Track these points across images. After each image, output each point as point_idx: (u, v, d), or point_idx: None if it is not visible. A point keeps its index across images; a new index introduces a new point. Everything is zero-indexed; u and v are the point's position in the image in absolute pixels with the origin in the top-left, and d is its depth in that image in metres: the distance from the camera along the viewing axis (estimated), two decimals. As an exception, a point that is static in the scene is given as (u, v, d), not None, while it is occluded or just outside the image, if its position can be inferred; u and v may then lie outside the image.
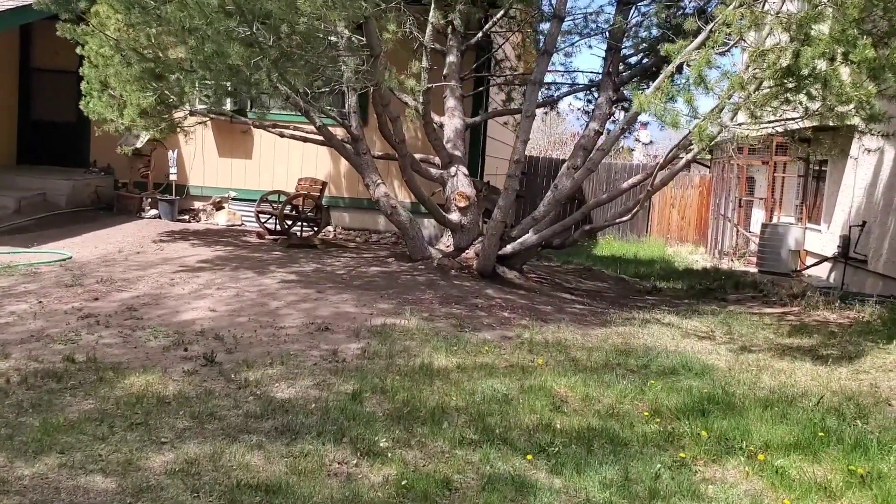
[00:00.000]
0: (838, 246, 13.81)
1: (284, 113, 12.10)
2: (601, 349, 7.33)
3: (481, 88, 12.27)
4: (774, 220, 17.57)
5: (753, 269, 16.11)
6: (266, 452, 4.46)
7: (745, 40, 6.76)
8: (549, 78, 14.43)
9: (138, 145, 13.08)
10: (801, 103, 7.55)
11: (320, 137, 9.87)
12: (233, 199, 13.91)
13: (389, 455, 4.55)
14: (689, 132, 7.43)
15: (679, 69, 7.77)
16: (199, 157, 14.19)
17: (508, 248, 10.15)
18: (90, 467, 4.15)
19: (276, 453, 4.46)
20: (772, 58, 6.46)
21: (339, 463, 4.41)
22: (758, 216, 18.81)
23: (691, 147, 8.25)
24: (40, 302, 7.46)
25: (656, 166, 9.43)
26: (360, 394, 5.37)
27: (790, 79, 6.48)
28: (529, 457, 4.70)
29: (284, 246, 11.02)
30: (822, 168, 15.60)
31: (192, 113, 10.53)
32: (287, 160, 13.80)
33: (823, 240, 14.99)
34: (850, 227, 13.53)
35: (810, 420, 5.69)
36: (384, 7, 8.01)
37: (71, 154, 14.54)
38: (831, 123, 7.79)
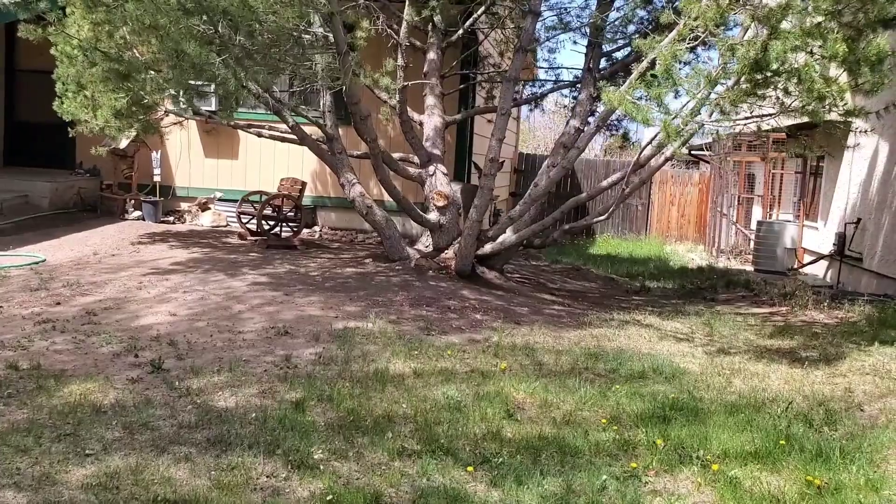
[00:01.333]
0: (834, 244, 13.55)
1: (261, 112, 11.95)
2: (571, 352, 7.14)
3: (463, 86, 12.06)
4: (773, 218, 17.30)
5: (750, 268, 15.85)
6: (192, 465, 4.30)
7: (712, 34, 6.54)
8: (540, 75, 14.26)
9: (121, 146, 12.97)
10: (778, 99, 7.33)
11: (295, 137, 9.70)
12: (219, 199, 13.77)
13: (322, 468, 4.37)
14: (662, 128, 7.21)
15: (653, 65, 7.55)
16: (185, 157, 14.07)
17: (488, 247, 9.96)
18: (3, 482, 4.00)
19: (203, 466, 4.29)
20: (741, 51, 6.24)
21: (266, 476, 4.24)
22: (758, 214, 18.53)
23: (667, 145, 8.04)
24: (0, 307, 7.33)
25: (637, 165, 9.22)
26: (303, 402, 5.20)
27: (759, 73, 6.27)
28: (470, 468, 4.51)
29: (262, 247, 10.87)
30: (820, 164, 15.32)
31: (167, 113, 10.38)
32: (273, 160, 13.66)
33: (820, 237, 14.72)
34: (845, 224, 13.26)
35: (775, 427, 5.48)
36: (352, 4, 7.80)
37: (57, 156, 14.42)
38: (806, 120, 7.55)
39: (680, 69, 6.94)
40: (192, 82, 8.41)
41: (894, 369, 6.95)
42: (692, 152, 24.06)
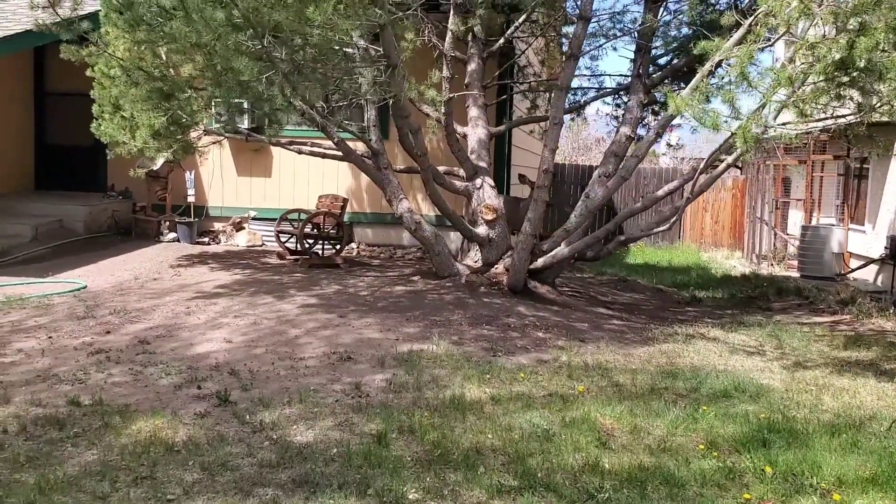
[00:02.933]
0: (885, 247, 13.13)
1: (301, 129, 11.71)
2: (645, 371, 6.81)
3: (504, 97, 11.78)
4: (814, 222, 16.89)
5: (795, 274, 15.44)
6: (282, 510, 4.00)
7: (791, 33, 6.23)
8: (575, 83, 13.98)
9: (154, 167, 12.76)
10: (852, 99, 7.00)
11: (339, 153, 9.44)
12: (253, 218, 13.54)
13: (420, 509, 4.07)
14: (732, 134, 6.88)
15: (717, 67, 7.25)
16: (217, 177, 13.85)
17: (539, 261, 9.64)
18: (86, 535, 3.72)
19: (293, 510, 3.99)
20: (822, 50, 5.92)
21: (364, 520, 3.94)
22: (795, 218, 18.11)
23: (733, 149, 7.71)
24: (50, 337, 7.08)
25: (695, 171, 8.89)
26: (385, 435, 4.90)
27: (842, 72, 5.95)
28: (577, 505, 4.20)
29: (305, 267, 10.60)
30: (864, 166, 14.92)
31: (206, 132, 10.15)
32: (307, 177, 13.42)
33: (868, 241, 14.29)
34: (897, 227, 12.86)
35: (885, 449, 5.13)
36: (401, 15, 7.54)
37: (88, 178, 14.26)
38: (885, 119, 7.21)
39: (748, 70, 6.60)
40: (237, 100, 8.15)
41: None
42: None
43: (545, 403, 5.74)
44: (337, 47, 8.07)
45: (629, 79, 10.06)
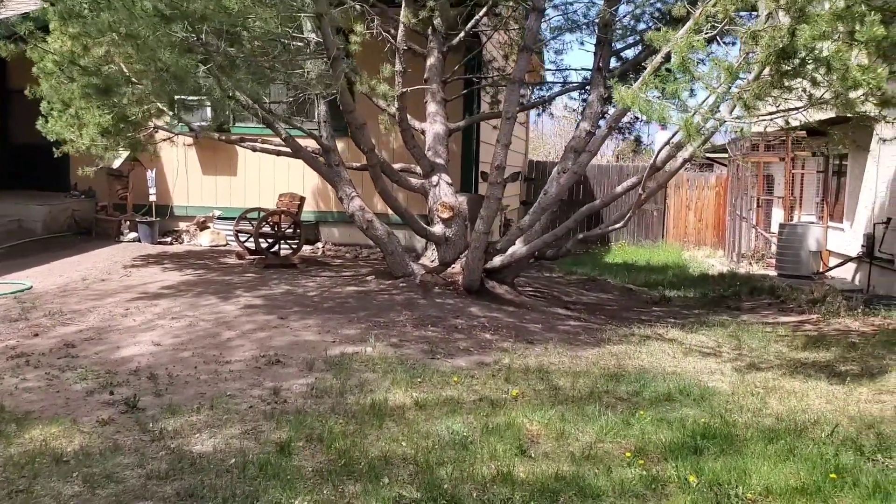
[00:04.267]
0: (862, 245, 12.89)
1: (255, 126, 11.46)
2: (589, 374, 6.55)
3: (466, 91, 11.52)
4: (794, 220, 16.63)
5: (773, 273, 15.19)
6: (157, 526, 3.75)
7: (732, 22, 5.98)
8: (547, 77, 13.71)
9: (114, 166, 12.52)
10: (804, 91, 6.73)
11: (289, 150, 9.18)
12: (218, 217, 13.29)
13: (305, 524, 3.81)
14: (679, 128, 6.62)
15: (667, 59, 6.97)
16: (182, 175, 13.60)
17: (497, 260, 9.39)
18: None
19: (169, 526, 3.74)
20: (765, 39, 5.66)
21: (241, 537, 3.68)
22: (778, 216, 17.85)
23: (686, 145, 7.45)
24: (-26, 340, 6.83)
25: (655, 167, 8.63)
26: (290, 444, 4.63)
27: (786, 62, 5.69)
28: (477, 519, 3.94)
29: (260, 267, 10.34)
30: (843, 162, 14.66)
31: (156, 129, 9.89)
32: (273, 176, 13.18)
33: (846, 239, 14.04)
34: (873, 224, 12.60)
35: (821, 456, 4.88)
36: (342, 7, 7.28)
37: (52, 178, 13.98)
38: (838, 113, 6.95)
39: (697, 63, 6.34)
40: (181, 96, 7.89)
41: (947, 384, 6.32)
42: (708, 155, 23.45)
43: (472, 409, 5.48)
44: (283, 40, 7.83)
45: (591, 72, 9.78)
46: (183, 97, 8.22)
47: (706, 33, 6.32)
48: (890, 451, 4.96)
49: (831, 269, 14.33)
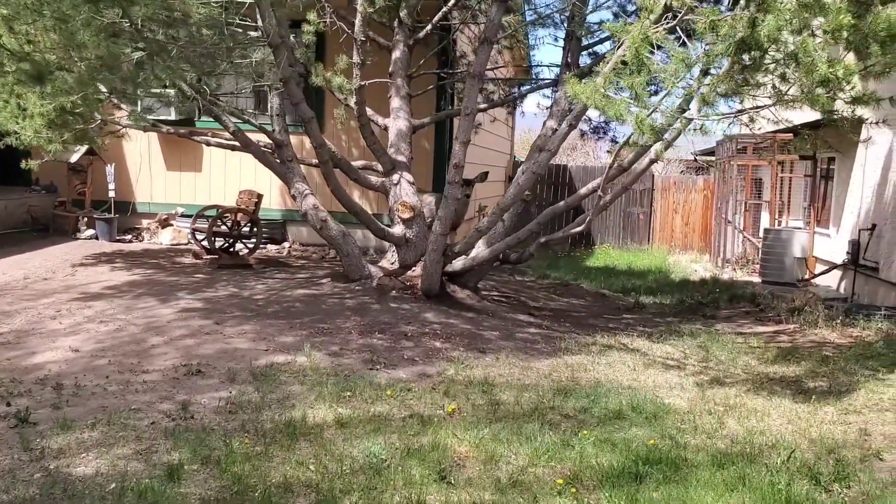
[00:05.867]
0: (847, 252, 12.43)
1: (207, 119, 11.00)
2: (538, 388, 6.10)
3: (431, 87, 11.05)
4: (782, 225, 16.18)
5: (757, 279, 14.75)
6: (1, 565, 3.30)
7: (692, 10, 5.53)
8: (519, 73, 13.24)
9: (72, 160, 12.08)
10: (775, 87, 6.28)
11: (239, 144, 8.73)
12: (181, 215, 12.82)
13: (173, 565, 3.36)
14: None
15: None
16: (145, 171, 13.14)
17: (458, 264, 8.94)
18: None
19: (15, 566, 3.29)
20: (725, 29, 5.22)
21: (93, 580, 3.23)
22: (767, 221, 17.40)
23: (655, 146, 6.99)
24: None
25: (622, 169, 8.18)
26: (181, 467, 4.18)
27: (746, 55, 5.25)
28: (372, 560, 3.49)
29: (213, 267, 9.88)
30: (831, 167, 14.21)
31: (104, 122, 9.43)
32: (239, 172, 12.73)
33: (833, 245, 13.59)
34: (859, 230, 12.15)
35: (773, 486, 4.42)
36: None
37: (14, 172, 13.51)
38: (816, 118, 6.51)
39: (654, 56, 5.89)
40: (113, 85, 7.44)
41: (919, 405, 5.88)
42: (697, 157, 22.97)
43: (399, 427, 5.03)
44: (227, 28, 7.37)
45: (559, 68, 9.34)
46: (123, 88, 7.75)
47: (666, 23, 5.87)
48: (848, 480, 4.52)
49: (817, 276, 13.89)
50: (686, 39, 5.78)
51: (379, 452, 4.56)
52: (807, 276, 14.09)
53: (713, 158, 19.92)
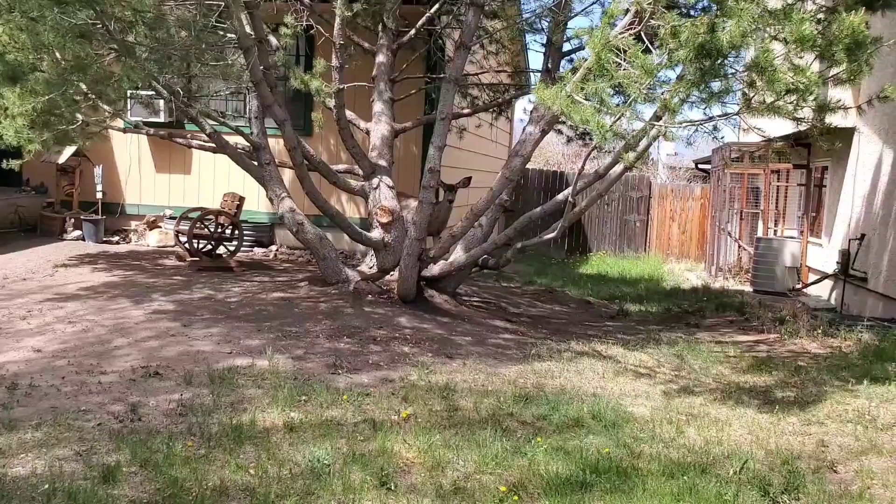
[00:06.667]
0: (837, 262, 12.34)
1: (189, 122, 11.00)
2: (500, 394, 6.05)
3: (414, 92, 11.03)
4: (777, 234, 16.09)
5: (749, 288, 14.67)
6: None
7: (654, 17, 5.49)
8: (503, 78, 13.19)
9: (60, 161, 12.11)
10: (744, 95, 6.23)
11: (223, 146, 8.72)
12: (170, 217, 12.83)
13: (90, 568, 3.33)
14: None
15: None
16: (135, 173, 13.17)
17: (436, 269, 8.91)
18: None
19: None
20: (685, 35, 5.18)
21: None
22: (763, 230, 17.30)
23: (623, 155, 6.96)
24: None
25: (598, 175, 8.14)
26: (117, 469, 4.15)
27: (706, 60, 5.21)
28: (295, 566, 3.45)
29: (193, 270, 9.88)
30: (825, 176, 14.12)
31: (85, 123, 9.44)
32: (228, 175, 12.71)
33: (825, 255, 13.50)
34: (849, 240, 12.06)
35: (720, 496, 4.37)
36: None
37: (4, 173, 13.56)
38: (804, 127, 6.45)
39: (618, 62, 5.84)
40: (74, 82, 7.44)
41: (882, 416, 5.80)
42: (699, 165, 22.86)
43: (350, 433, 4.99)
44: (200, 29, 7.37)
45: (540, 73, 9.30)
46: (98, 89, 7.76)
47: (633, 28, 5.83)
48: (797, 492, 4.46)
49: (808, 285, 13.80)
50: (650, 46, 5.72)
51: (323, 457, 4.52)
52: (798, 286, 14.00)
53: (708, 166, 19.86)
